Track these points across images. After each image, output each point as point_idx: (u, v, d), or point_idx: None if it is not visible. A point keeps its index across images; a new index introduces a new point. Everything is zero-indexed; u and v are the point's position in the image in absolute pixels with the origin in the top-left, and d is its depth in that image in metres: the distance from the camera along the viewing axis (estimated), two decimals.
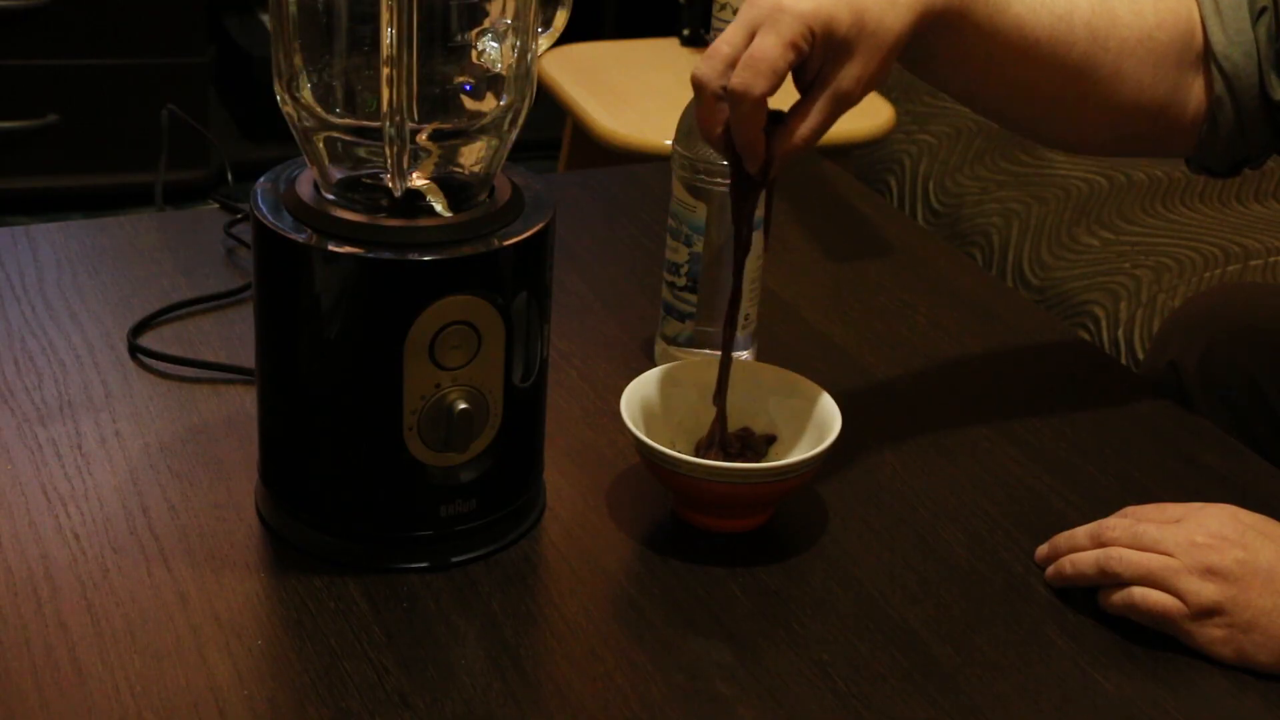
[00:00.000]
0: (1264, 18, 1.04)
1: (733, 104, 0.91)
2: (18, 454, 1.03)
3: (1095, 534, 0.96)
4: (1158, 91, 1.05)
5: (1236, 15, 1.04)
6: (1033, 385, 1.21)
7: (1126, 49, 1.04)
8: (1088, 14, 1.03)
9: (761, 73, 0.90)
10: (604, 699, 0.87)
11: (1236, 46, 1.04)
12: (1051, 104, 1.06)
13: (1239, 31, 1.04)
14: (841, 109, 0.94)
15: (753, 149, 0.93)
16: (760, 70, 0.90)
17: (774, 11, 0.90)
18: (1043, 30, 1.01)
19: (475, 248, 0.89)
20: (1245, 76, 1.04)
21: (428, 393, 0.90)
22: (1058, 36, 1.02)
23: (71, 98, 2.81)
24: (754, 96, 0.90)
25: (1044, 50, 1.02)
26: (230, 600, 0.92)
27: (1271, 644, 0.90)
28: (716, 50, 0.91)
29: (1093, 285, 1.90)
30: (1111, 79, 1.04)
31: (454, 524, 0.95)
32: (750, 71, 0.90)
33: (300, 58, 0.90)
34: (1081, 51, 1.03)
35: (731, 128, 0.92)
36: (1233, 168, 1.10)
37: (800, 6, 0.90)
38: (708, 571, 0.97)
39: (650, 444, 0.97)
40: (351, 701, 0.85)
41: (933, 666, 0.90)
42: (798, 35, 0.90)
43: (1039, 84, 1.04)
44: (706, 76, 0.91)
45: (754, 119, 0.91)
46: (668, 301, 1.14)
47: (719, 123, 0.92)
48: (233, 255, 1.30)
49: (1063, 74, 1.03)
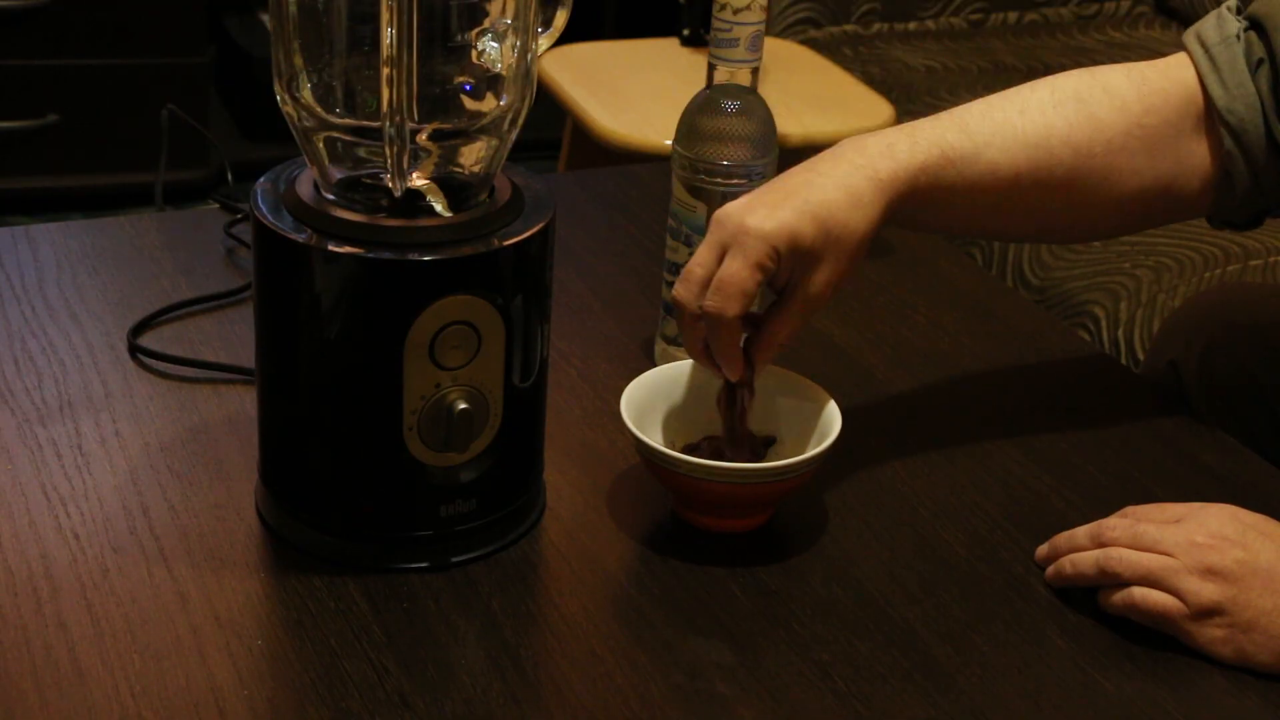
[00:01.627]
0: (1262, 68, 1.04)
1: (709, 325, 0.96)
2: (18, 454, 1.03)
3: (1095, 534, 0.96)
4: (1159, 173, 1.05)
5: (1234, 69, 1.04)
6: (1033, 385, 1.21)
7: (1115, 147, 1.04)
8: (1065, 131, 1.03)
9: (732, 296, 0.94)
10: (604, 699, 0.87)
11: (1238, 100, 1.04)
12: (1051, 218, 1.08)
13: (1239, 85, 1.04)
14: (814, 311, 0.99)
15: (732, 362, 0.98)
16: (731, 295, 0.94)
17: (739, 234, 0.95)
18: (1021, 165, 1.02)
19: (475, 248, 0.89)
20: (1252, 128, 1.04)
21: (428, 393, 0.90)
22: (1038, 164, 1.03)
23: (71, 98, 2.81)
24: (727, 319, 0.95)
25: (1026, 183, 1.03)
26: (230, 600, 0.92)
27: (1271, 644, 0.90)
28: (690, 273, 0.96)
29: (1093, 285, 1.90)
30: (1106, 181, 1.04)
31: (454, 524, 0.95)
32: (721, 296, 0.95)
33: (300, 58, 0.90)
34: (1067, 169, 1.03)
35: (710, 345, 0.97)
36: (1254, 219, 1.10)
37: (764, 227, 0.95)
38: (708, 571, 0.97)
39: (650, 444, 0.97)
40: (351, 701, 0.85)
41: (933, 666, 0.90)
42: (763, 256, 0.94)
43: (1032, 209, 1.06)
44: (684, 299, 0.96)
45: (730, 337, 0.96)
46: (668, 301, 1.14)
47: (700, 339, 0.97)
48: (233, 255, 1.30)
49: (1053, 194, 1.04)
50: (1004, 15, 2.77)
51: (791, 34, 2.64)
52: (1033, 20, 2.78)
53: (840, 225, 0.96)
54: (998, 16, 2.77)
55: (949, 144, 1.01)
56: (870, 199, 0.97)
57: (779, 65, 2.28)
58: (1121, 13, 2.81)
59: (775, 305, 0.99)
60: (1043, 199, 1.04)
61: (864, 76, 2.43)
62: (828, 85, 2.31)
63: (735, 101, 1.08)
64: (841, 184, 0.97)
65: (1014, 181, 1.02)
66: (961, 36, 2.70)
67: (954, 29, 2.73)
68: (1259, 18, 1.06)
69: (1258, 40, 1.05)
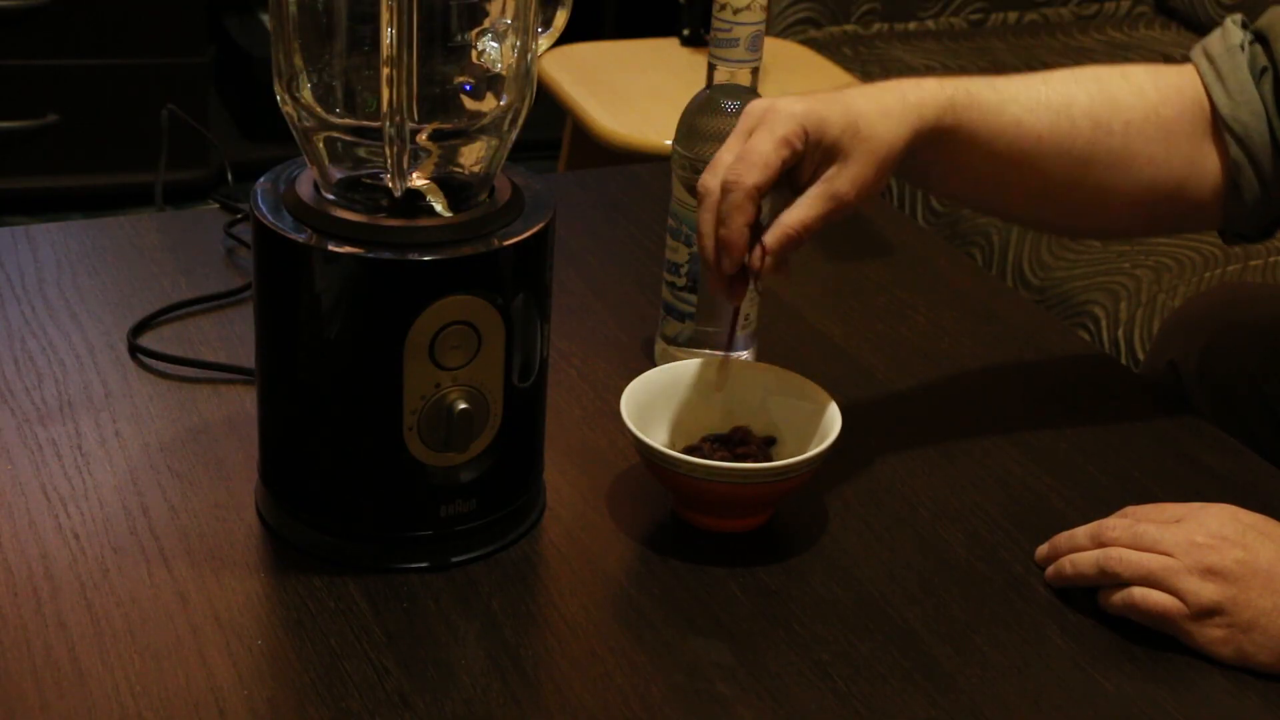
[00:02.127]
0: (1266, 75, 1.05)
1: (725, 200, 0.93)
2: (18, 454, 1.03)
3: (1095, 534, 0.96)
4: (1173, 166, 1.05)
5: (1238, 77, 1.05)
6: (1033, 385, 1.21)
7: (1133, 129, 1.04)
8: (1086, 104, 1.03)
9: (754, 164, 0.93)
10: (604, 699, 0.87)
11: (1243, 107, 1.04)
12: (1065, 197, 1.07)
13: (1242, 92, 1.04)
14: (835, 210, 0.96)
15: (735, 244, 0.94)
16: (753, 162, 0.93)
17: (767, 112, 0.95)
18: (1043, 127, 1.02)
19: (475, 248, 0.89)
20: (1257, 136, 1.04)
21: (428, 393, 0.90)
22: (1059, 130, 1.03)
23: (71, 98, 2.81)
24: (745, 185, 0.93)
25: (1046, 147, 1.03)
26: (230, 600, 0.92)
27: (1271, 644, 0.90)
28: (718, 159, 0.95)
29: (1093, 285, 1.90)
30: (1123, 162, 1.04)
31: (454, 524, 0.95)
32: (743, 164, 0.93)
33: (300, 58, 0.90)
34: (1086, 140, 1.03)
35: (720, 221, 0.94)
36: (1266, 230, 1.10)
37: (793, 107, 0.94)
38: (708, 571, 0.97)
39: (650, 444, 0.97)
40: (351, 701, 0.85)
41: (933, 666, 0.90)
42: (790, 133, 0.93)
43: (1049, 180, 1.05)
44: (708, 184, 0.94)
45: (742, 209, 0.93)
46: (668, 301, 1.14)
47: (714, 223, 0.94)
48: (233, 255, 1.30)
49: (1070, 166, 1.04)
50: (1004, 15, 2.77)
51: (791, 34, 2.64)
52: (1033, 20, 2.78)
53: (869, 126, 0.96)
54: (998, 16, 2.77)
55: (976, 90, 1.01)
56: (899, 115, 0.97)
57: (779, 65, 2.28)
58: (1121, 13, 2.81)
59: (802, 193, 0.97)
60: (1062, 172, 1.04)
61: (864, 76, 2.43)
62: (828, 85, 2.30)
63: (735, 101, 1.08)
64: (872, 98, 0.98)
65: (1035, 144, 1.02)
66: (961, 36, 2.70)
67: (954, 29, 2.74)
68: (1263, 30, 1.06)
69: (1262, 52, 1.05)
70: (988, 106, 1.01)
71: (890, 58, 2.56)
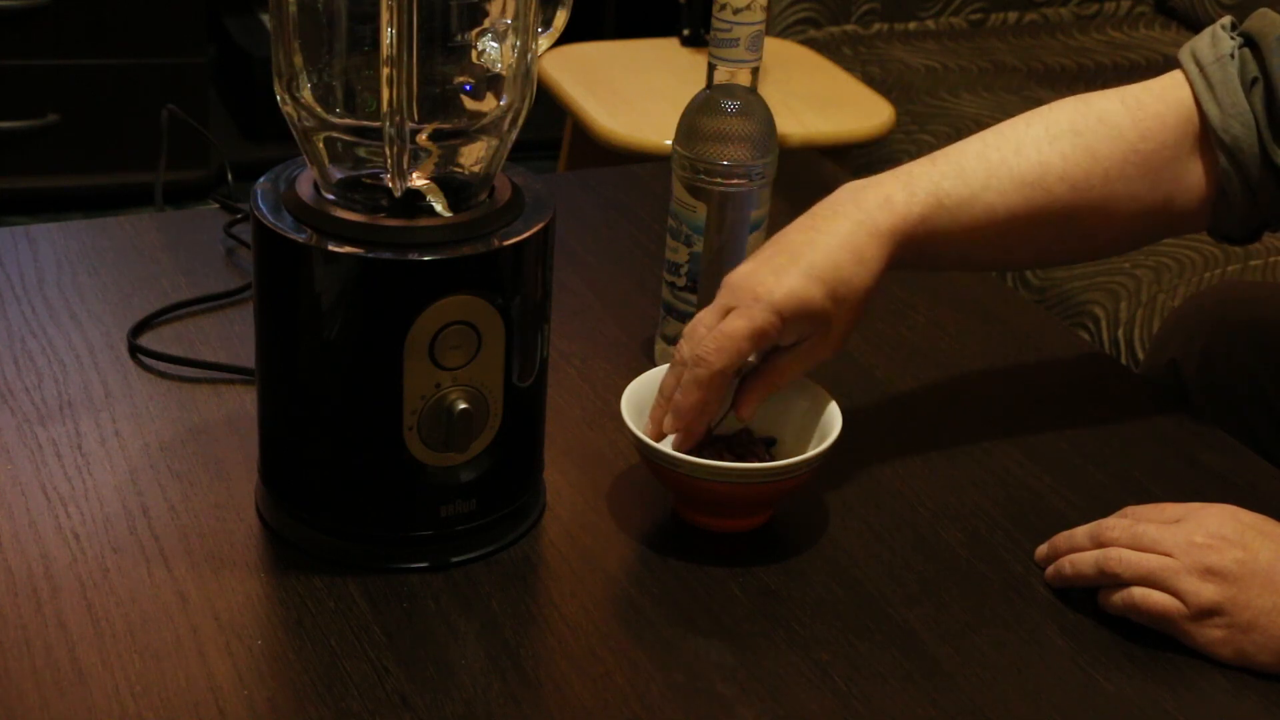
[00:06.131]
0: (1256, 87, 1.05)
1: (688, 371, 0.95)
2: (18, 454, 1.03)
3: (1095, 534, 0.96)
4: (1157, 194, 1.06)
5: (1229, 88, 1.05)
6: (1033, 385, 1.21)
7: (1113, 176, 1.04)
8: (1061, 168, 1.04)
9: (725, 350, 0.95)
10: (604, 699, 0.87)
11: (1234, 119, 1.04)
12: (1051, 247, 1.09)
13: (1233, 104, 1.04)
14: (818, 362, 1.00)
15: (685, 414, 0.96)
16: (724, 347, 0.95)
17: (749, 300, 0.96)
18: (1018, 206, 1.03)
19: (475, 248, 0.89)
20: (1247, 147, 1.04)
21: (428, 393, 0.90)
22: (1035, 204, 1.04)
23: (71, 98, 2.81)
24: (713, 369, 0.95)
25: (1024, 221, 1.04)
26: (230, 600, 0.92)
27: (1271, 644, 0.90)
28: (694, 327, 0.97)
29: (1093, 285, 1.90)
30: (1104, 209, 1.05)
31: (454, 524, 0.95)
32: (713, 344, 0.95)
33: (300, 58, 0.90)
34: (1065, 204, 1.04)
35: (680, 389, 0.96)
36: (1252, 234, 1.10)
37: (773, 296, 0.96)
38: (708, 571, 0.97)
39: (650, 444, 0.97)
40: (351, 701, 0.85)
41: (933, 666, 0.90)
42: (767, 323, 0.95)
43: (1032, 243, 1.07)
44: (681, 349, 0.97)
45: (702, 386, 0.95)
46: (668, 301, 1.15)
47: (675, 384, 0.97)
48: (233, 255, 1.30)
49: (1052, 227, 1.05)
50: (1004, 15, 2.77)
51: (791, 34, 2.64)
52: (1033, 20, 2.78)
53: (845, 284, 0.98)
54: (998, 16, 2.77)
55: (945, 192, 1.02)
56: (873, 254, 0.99)
57: (779, 65, 2.28)
58: (1121, 13, 2.81)
59: (784, 350, 0.99)
60: (1041, 232, 1.06)
61: (864, 76, 2.43)
62: (828, 85, 2.31)
63: (735, 101, 1.08)
64: (844, 242, 0.99)
65: (1011, 221, 1.04)
66: (961, 36, 2.70)
67: (954, 29, 2.73)
68: (1253, 35, 1.06)
69: (1251, 58, 1.05)
70: (959, 205, 1.02)
71: (890, 58, 2.56)
